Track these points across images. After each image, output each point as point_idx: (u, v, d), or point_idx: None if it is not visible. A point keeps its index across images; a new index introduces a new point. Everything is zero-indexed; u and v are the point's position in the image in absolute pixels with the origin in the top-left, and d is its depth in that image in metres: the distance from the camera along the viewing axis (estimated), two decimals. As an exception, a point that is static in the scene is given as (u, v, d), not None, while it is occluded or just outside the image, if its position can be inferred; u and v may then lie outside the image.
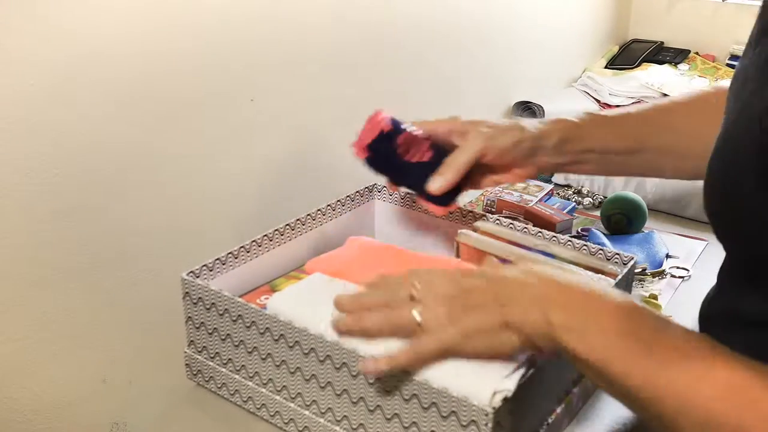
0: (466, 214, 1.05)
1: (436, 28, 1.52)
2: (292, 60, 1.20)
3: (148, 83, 0.99)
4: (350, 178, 1.35)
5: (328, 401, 0.76)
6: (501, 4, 1.73)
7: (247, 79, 1.13)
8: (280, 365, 0.79)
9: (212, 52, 1.06)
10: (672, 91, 2.03)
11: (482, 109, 1.79)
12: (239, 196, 1.17)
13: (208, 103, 1.08)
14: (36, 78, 0.86)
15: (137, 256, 1.03)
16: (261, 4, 1.11)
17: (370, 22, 1.33)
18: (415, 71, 1.49)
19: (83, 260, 0.97)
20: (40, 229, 0.91)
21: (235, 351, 0.83)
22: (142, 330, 1.07)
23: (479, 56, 1.70)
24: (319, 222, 1.03)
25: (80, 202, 0.94)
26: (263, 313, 0.79)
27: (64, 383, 0.99)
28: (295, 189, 1.27)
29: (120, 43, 0.94)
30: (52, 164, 0.90)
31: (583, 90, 2.10)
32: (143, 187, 1.02)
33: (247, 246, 0.93)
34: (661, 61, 2.20)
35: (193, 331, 0.87)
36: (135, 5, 0.94)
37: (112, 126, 0.96)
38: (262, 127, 1.17)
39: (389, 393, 0.71)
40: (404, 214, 1.12)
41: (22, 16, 0.84)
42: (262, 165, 1.20)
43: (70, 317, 0.97)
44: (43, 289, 0.94)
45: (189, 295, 0.86)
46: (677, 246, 1.26)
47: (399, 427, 0.71)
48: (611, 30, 2.31)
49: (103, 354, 1.03)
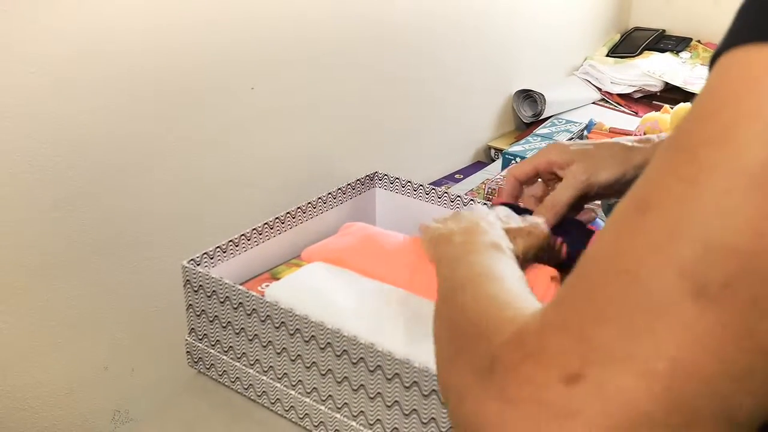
0: (467, 202, 1.05)
1: (437, 18, 1.51)
2: (292, 51, 1.19)
3: (148, 74, 0.99)
4: (351, 166, 1.35)
5: (329, 388, 0.77)
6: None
7: (247, 70, 1.13)
8: (280, 353, 0.79)
9: (212, 42, 1.06)
10: (673, 79, 2.03)
11: (484, 97, 1.78)
12: (239, 184, 1.17)
13: (207, 92, 1.08)
14: (37, 67, 0.86)
15: (138, 245, 1.04)
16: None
17: (370, 11, 1.33)
18: (416, 60, 1.49)
19: (84, 249, 0.97)
20: (42, 217, 0.91)
21: (236, 339, 0.84)
22: (144, 318, 1.07)
23: (481, 45, 1.70)
24: (320, 210, 1.03)
25: (81, 191, 0.94)
26: (264, 301, 0.79)
27: (66, 371, 0.99)
28: (296, 176, 1.27)
29: (120, 35, 0.94)
30: (54, 153, 0.90)
31: (584, 78, 2.09)
32: (144, 175, 1.02)
33: (248, 234, 0.93)
34: (663, 49, 2.20)
35: (194, 319, 0.88)
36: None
37: (112, 116, 0.96)
38: (261, 116, 1.17)
39: (390, 380, 0.71)
40: (405, 202, 1.12)
41: (24, 7, 0.84)
42: (262, 153, 1.19)
43: (72, 305, 0.98)
44: (45, 277, 0.94)
45: (190, 283, 0.86)
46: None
47: (399, 414, 0.72)
48: (613, 18, 2.30)
49: (105, 342, 1.04)
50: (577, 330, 0.32)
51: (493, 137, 1.85)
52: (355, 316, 0.77)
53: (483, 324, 0.41)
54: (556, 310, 0.34)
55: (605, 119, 1.76)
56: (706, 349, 0.29)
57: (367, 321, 0.76)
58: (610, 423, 0.30)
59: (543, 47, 1.97)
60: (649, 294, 0.30)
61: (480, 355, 0.37)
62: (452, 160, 1.71)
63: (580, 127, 1.65)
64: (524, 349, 0.34)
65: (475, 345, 0.39)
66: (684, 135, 0.32)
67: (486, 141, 1.83)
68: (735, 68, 0.31)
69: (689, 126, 0.32)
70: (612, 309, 0.32)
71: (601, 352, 0.31)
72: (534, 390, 0.32)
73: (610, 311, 0.32)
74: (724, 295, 0.29)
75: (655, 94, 2.05)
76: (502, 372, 0.34)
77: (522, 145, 1.54)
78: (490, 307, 0.43)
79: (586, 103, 1.98)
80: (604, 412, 0.30)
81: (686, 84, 2.01)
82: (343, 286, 0.82)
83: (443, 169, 1.67)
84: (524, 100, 1.87)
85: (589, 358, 0.31)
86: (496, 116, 1.85)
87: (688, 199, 0.30)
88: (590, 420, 0.30)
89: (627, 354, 0.30)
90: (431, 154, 1.64)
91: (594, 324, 0.32)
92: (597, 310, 0.32)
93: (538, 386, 0.32)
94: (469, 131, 1.77)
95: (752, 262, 0.29)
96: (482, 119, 1.81)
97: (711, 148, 0.30)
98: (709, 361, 0.29)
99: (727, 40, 0.32)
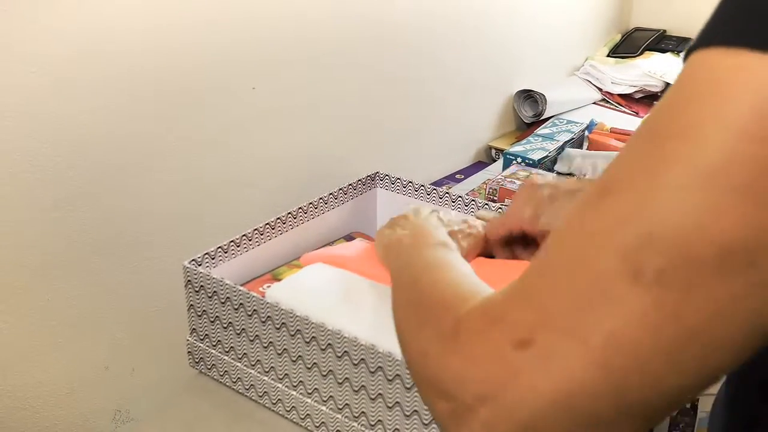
0: (468, 202, 1.05)
1: (437, 18, 1.51)
2: (292, 51, 1.19)
3: (148, 74, 0.99)
4: (352, 166, 1.35)
5: (330, 389, 0.77)
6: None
7: (248, 70, 1.13)
8: (281, 353, 0.79)
9: (212, 42, 1.06)
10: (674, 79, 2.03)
11: (484, 97, 1.78)
12: (240, 184, 1.17)
13: (207, 92, 1.07)
14: (37, 67, 0.86)
15: (138, 245, 1.03)
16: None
17: (370, 11, 1.33)
18: (416, 60, 1.49)
19: (84, 249, 0.97)
20: (42, 217, 0.91)
21: (237, 339, 0.83)
22: (144, 318, 1.07)
23: (481, 45, 1.70)
24: (322, 210, 1.03)
25: (81, 191, 0.94)
26: (265, 302, 0.79)
27: (67, 371, 0.99)
28: (296, 176, 1.26)
29: (120, 35, 0.94)
30: (54, 153, 0.90)
31: (585, 78, 2.09)
32: (144, 175, 1.02)
33: (249, 234, 0.93)
34: (664, 49, 2.19)
35: (195, 320, 0.88)
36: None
37: (112, 116, 0.96)
38: (261, 116, 1.17)
39: (391, 381, 0.71)
40: (406, 203, 1.12)
41: (25, 7, 0.83)
42: (262, 153, 1.19)
43: (72, 305, 0.97)
44: (45, 277, 0.94)
45: (191, 284, 0.86)
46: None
47: (400, 414, 0.72)
48: (613, 18, 2.30)
49: (105, 342, 1.04)
50: (533, 300, 0.35)
51: (493, 137, 1.85)
52: (356, 317, 0.77)
53: (448, 298, 0.44)
54: (520, 281, 0.37)
55: (606, 119, 1.76)
56: (640, 327, 0.32)
57: (368, 322, 0.76)
58: (552, 387, 0.33)
59: (544, 47, 1.97)
60: (594, 273, 0.33)
61: (445, 322, 0.40)
62: (453, 160, 1.71)
63: (581, 127, 1.65)
64: (488, 315, 0.37)
65: (440, 315, 0.42)
66: (653, 125, 0.34)
67: (487, 141, 1.83)
68: (703, 68, 0.32)
69: (659, 117, 0.34)
70: (563, 283, 0.34)
71: (550, 321, 0.34)
72: (491, 350, 0.35)
73: (561, 285, 0.34)
74: (660, 281, 0.31)
75: (655, 95, 2.05)
76: (465, 334, 0.37)
77: (523, 145, 1.54)
78: (451, 286, 0.47)
79: (586, 104, 1.98)
80: (547, 375, 0.33)
81: (687, 84, 2.01)
82: (344, 287, 0.82)
83: (444, 169, 1.67)
84: (525, 100, 1.87)
85: (539, 327, 0.34)
86: (497, 116, 1.85)
87: (645, 189, 0.32)
88: (534, 381, 0.33)
89: (571, 325, 0.33)
90: (432, 154, 1.63)
91: (547, 296, 0.35)
92: (551, 283, 0.35)
93: (495, 347, 0.35)
94: (469, 131, 1.76)
95: (691, 252, 0.31)
96: (483, 119, 1.81)
97: (675, 141, 0.32)
98: (642, 338, 0.32)
99: (700, 38, 0.33)
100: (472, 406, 0.35)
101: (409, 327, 0.47)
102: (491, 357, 0.35)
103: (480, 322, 0.37)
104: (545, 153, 1.48)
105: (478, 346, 0.36)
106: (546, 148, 1.50)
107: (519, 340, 0.34)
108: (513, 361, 0.34)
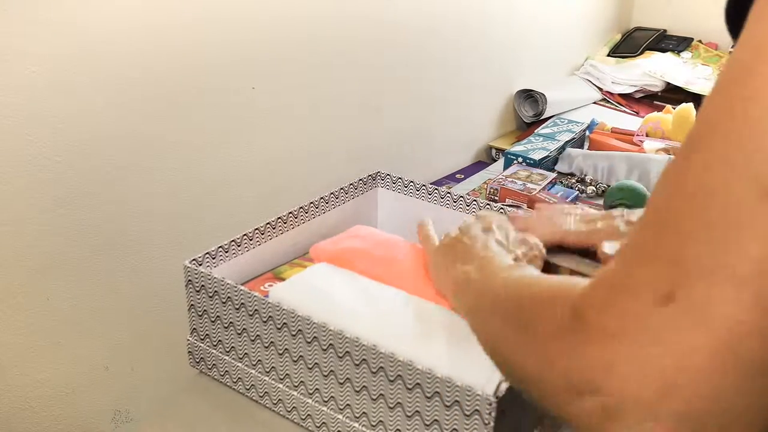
0: (470, 202, 1.05)
1: (437, 18, 1.51)
2: (292, 51, 1.19)
3: (148, 74, 0.98)
4: (352, 165, 1.35)
5: (331, 390, 0.76)
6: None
7: (248, 70, 1.12)
8: (282, 354, 0.79)
9: (212, 42, 1.06)
10: (675, 79, 2.03)
11: (485, 97, 1.78)
12: (242, 183, 1.17)
13: (207, 92, 1.07)
14: (37, 66, 0.86)
15: (139, 244, 1.03)
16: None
17: (371, 11, 1.33)
18: (416, 60, 1.49)
19: (85, 248, 0.97)
20: (42, 216, 0.91)
21: (238, 339, 0.83)
22: (145, 317, 1.07)
23: (481, 45, 1.69)
24: (322, 210, 1.03)
25: (82, 190, 0.94)
26: (266, 302, 0.78)
27: (67, 370, 0.99)
28: (297, 176, 1.26)
29: (120, 35, 0.94)
30: (54, 152, 0.90)
31: (585, 78, 2.09)
32: (144, 174, 1.01)
33: (250, 234, 0.93)
34: (664, 49, 2.19)
35: (196, 319, 0.87)
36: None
37: (113, 115, 0.95)
38: (261, 116, 1.17)
39: (392, 382, 0.71)
40: (407, 202, 1.11)
41: (25, 6, 0.83)
42: (263, 153, 1.19)
43: (73, 305, 0.97)
44: (46, 276, 0.93)
45: (191, 283, 0.85)
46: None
47: (402, 416, 0.71)
48: (614, 18, 2.30)
49: (106, 341, 1.03)
50: (659, 255, 0.32)
51: (494, 137, 1.85)
52: (359, 318, 0.77)
53: (552, 293, 0.41)
54: (631, 248, 0.35)
55: (606, 119, 1.76)
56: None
57: (370, 323, 0.76)
58: (712, 337, 0.30)
59: (544, 47, 1.97)
60: (723, 204, 0.31)
61: (561, 312, 0.37)
62: (453, 159, 1.71)
63: (582, 126, 1.64)
64: (611, 287, 0.34)
65: (550, 310, 0.39)
66: (738, 62, 0.33)
67: (487, 141, 1.83)
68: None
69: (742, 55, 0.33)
70: (690, 227, 0.32)
71: (687, 269, 0.31)
72: (634, 319, 0.32)
73: (688, 230, 0.32)
74: None
75: (656, 94, 2.05)
76: (594, 314, 0.34)
77: (524, 145, 1.53)
78: (546, 286, 0.43)
79: (587, 103, 1.98)
80: (704, 326, 0.30)
81: (687, 84, 2.01)
82: (347, 288, 0.82)
83: (444, 168, 1.67)
84: (525, 100, 1.87)
85: (678, 278, 0.31)
86: (497, 116, 1.85)
87: (750, 113, 0.31)
88: (690, 339, 0.30)
89: (712, 266, 0.30)
90: (432, 153, 1.63)
91: (676, 246, 0.32)
92: (676, 233, 0.32)
93: (636, 315, 0.32)
94: (470, 131, 1.76)
95: None
96: (483, 119, 1.81)
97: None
98: None
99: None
100: (625, 389, 0.32)
101: (515, 343, 0.44)
102: (636, 327, 0.32)
103: (603, 295, 0.34)
104: (546, 153, 1.48)
105: (616, 320, 0.33)
106: (547, 148, 1.50)
107: (660, 297, 0.31)
108: (663, 323, 0.31)
